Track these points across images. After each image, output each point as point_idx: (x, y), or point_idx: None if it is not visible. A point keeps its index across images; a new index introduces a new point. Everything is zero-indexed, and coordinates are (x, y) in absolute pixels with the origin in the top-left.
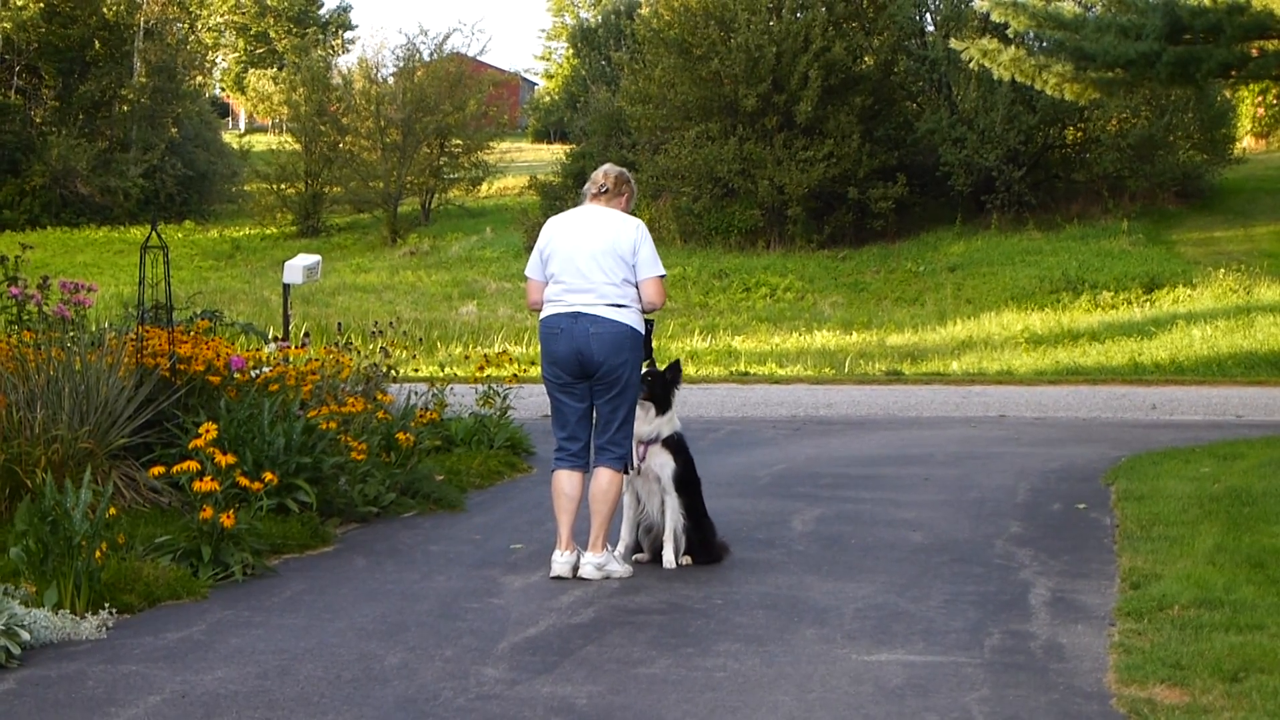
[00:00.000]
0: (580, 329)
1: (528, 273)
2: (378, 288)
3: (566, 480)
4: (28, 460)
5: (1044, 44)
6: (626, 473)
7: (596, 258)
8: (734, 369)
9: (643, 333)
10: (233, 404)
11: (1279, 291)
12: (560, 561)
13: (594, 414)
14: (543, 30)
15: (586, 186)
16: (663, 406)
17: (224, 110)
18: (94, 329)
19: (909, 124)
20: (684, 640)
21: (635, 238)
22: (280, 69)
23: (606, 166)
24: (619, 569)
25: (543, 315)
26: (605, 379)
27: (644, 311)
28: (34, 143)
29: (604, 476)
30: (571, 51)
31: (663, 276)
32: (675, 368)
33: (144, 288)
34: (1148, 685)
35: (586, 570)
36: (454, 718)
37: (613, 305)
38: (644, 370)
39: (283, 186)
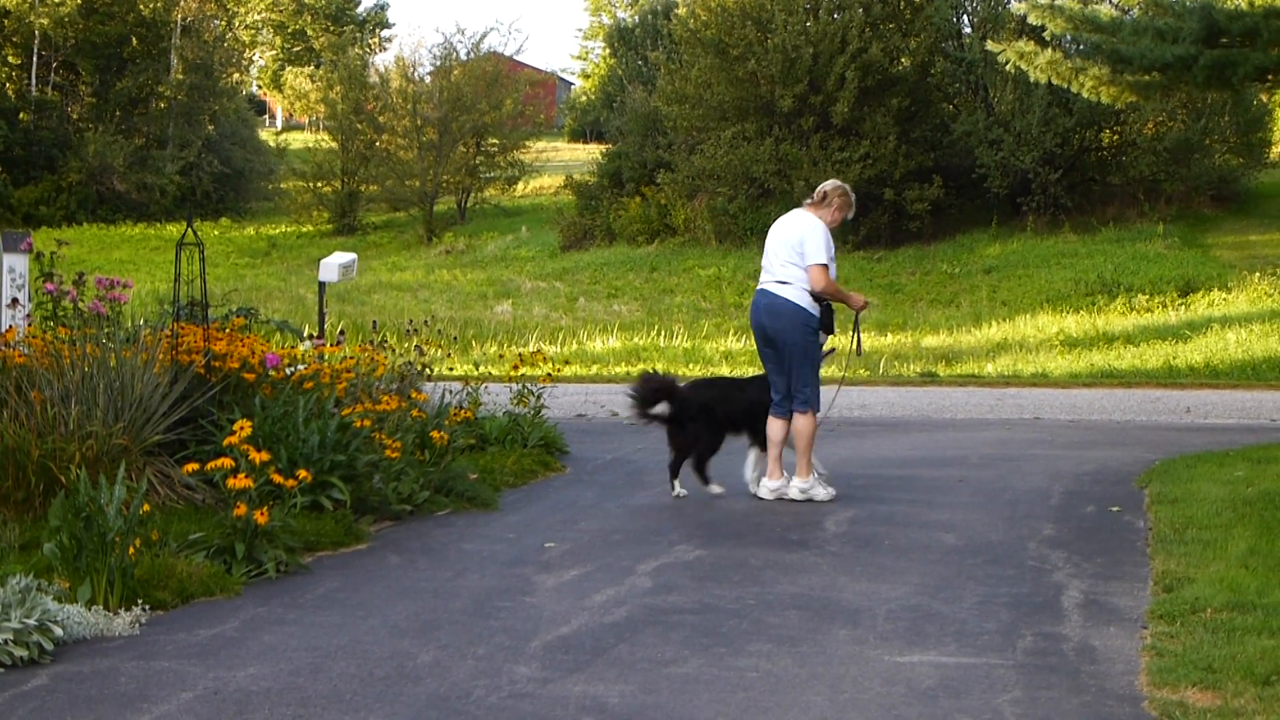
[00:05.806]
0: (761, 303)
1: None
2: (413, 286)
3: (776, 425)
4: (62, 456)
5: (1081, 47)
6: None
7: (778, 249)
8: None
9: (804, 306)
10: (267, 401)
11: None
12: (770, 486)
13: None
14: (580, 30)
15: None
16: None
17: (261, 108)
18: (129, 326)
19: (945, 126)
20: (716, 640)
21: (804, 233)
22: (317, 67)
23: (832, 181)
24: (822, 492)
25: None
26: (775, 342)
27: (810, 294)
28: (71, 139)
29: (797, 419)
30: (608, 51)
31: (822, 265)
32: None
33: (180, 284)
34: (1180, 688)
35: (792, 492)
36: (486, 716)
37: (779, 283)
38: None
39: (319, 184)
